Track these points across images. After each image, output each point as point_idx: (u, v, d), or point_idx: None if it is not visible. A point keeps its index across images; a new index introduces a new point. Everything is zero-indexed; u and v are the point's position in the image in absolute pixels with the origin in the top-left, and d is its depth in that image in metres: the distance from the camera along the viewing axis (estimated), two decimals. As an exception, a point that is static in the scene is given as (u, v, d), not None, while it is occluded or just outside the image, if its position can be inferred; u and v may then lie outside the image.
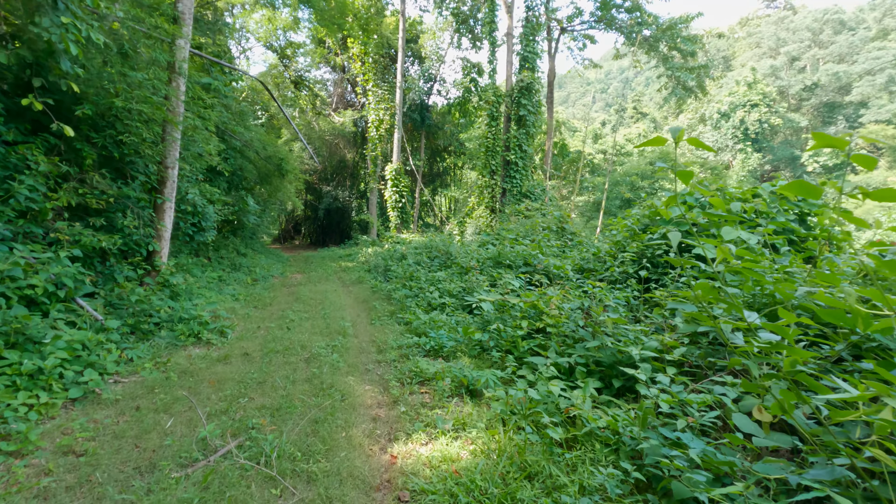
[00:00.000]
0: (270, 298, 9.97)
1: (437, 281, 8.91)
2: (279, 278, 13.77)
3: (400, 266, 10.95)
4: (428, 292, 8.29)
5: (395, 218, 20.80)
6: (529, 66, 17.28)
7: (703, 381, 3.52)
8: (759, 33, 71.61)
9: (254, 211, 12.96)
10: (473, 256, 9.49)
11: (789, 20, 70.09)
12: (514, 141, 17.46)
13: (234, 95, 11.02)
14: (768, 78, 66.14)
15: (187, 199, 7.81)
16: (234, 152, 11.09)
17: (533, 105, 17.47)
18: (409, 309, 7.81)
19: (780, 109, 60.78)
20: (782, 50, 66.88)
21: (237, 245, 15.00)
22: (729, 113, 62.21)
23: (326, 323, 7.21)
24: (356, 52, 19.00)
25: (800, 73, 67.56)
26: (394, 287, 9.54)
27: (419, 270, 10.26)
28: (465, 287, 8.14)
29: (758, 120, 60.17)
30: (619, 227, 7.26)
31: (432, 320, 6.53)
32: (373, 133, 19.90)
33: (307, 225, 34.50)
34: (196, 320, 6.24)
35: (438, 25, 28.94)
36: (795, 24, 67.90)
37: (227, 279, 11.33)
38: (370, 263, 15.19)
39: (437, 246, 11.76)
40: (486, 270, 8.59)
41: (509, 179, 17.55)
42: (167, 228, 7.02)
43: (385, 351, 5.86)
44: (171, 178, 6.88)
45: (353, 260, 18.17)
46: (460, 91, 28.76)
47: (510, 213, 16.48)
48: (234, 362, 5.42)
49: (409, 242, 17.04)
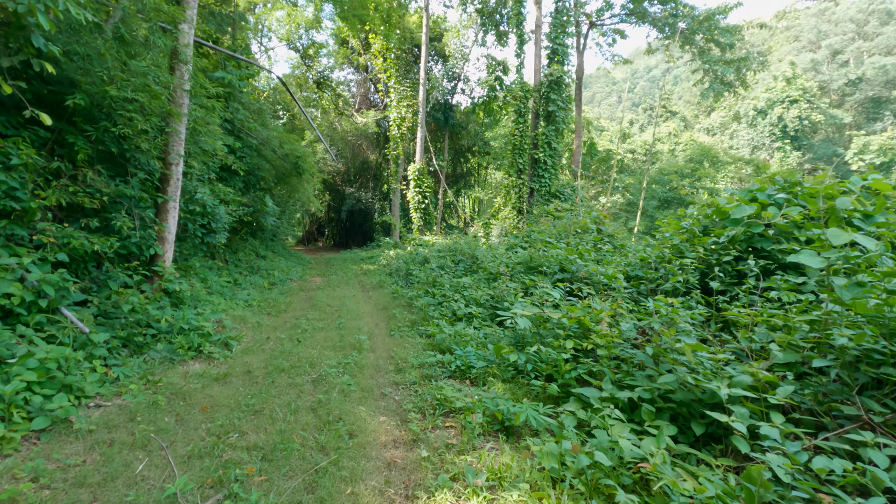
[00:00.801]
0: (286, 304, 9.41)
1: (462, 287, 8.14)
2: (298, 282, 13.27)
3: (422, 270, 10.23)
4: (452, 300, 7.53)
5: (418, 219, 20.15)
6: (559, 59, 16.35)
7: (825, 434, 2.63)
8: (798, 26, 68.29)
9: (272, 212, 12.49)
10: (502, 261, 8.69)
11: (831, 12, 66.56)
12: (542, 138, 16.56)
13: (249, 91, 10.55)
14: (808, 73, 62.95)
15: (196, 198, 7.30)
16: (250, 150, 10.60)
17: (562, 100, 16.53)
18: (432, 319, 7.07)
19: (821, 105, 57.65)
20: (823, 43, 63.52)
21: (256, 247, 14.60)
22: (766, 110, 59.46)
23: (341, 335, 6.52)
24: (378, 48, 18.44)
25: (842, 67, 63.97)
26: (415, 293, 8.81)
27: (443, 275, 9.51)
28: (493, 295, 7.34)
29: (797, 116, 57.26)
30: (673, 228, 6.32)
31: (458, 334, 5.76)
32: (394, 131, 19.29)
33: (331, 227, 34.32)
34: (197, 332, 5.65)
35: (462, 23, 28.26)
36: (838, 16, 64.41)
37: (243, 283, 10.86)
38: (391, 266, 14.57)
39: (461, 249, 11.00)
40: (517, 276, 7.77)
41: (537, 179, 16.65)
42: (171, 230, 6.47)
43: (404, 370, 5.12)
44: (174, 176, 6.34)
45: (374, 263, 17.61)
46: (485, 90, 27.99)
47: (539, 215, 15.59)
48: (234, 382, 4.77)
49: (431, 245, 16.33)
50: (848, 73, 60.32)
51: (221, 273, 10.70)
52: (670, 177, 24.06)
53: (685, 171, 23.90)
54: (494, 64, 27.91)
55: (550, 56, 16.57)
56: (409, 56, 19.06)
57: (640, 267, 6.25)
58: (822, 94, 62.67)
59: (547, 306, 5.06)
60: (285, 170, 11.40)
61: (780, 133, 55.84)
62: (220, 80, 9.33)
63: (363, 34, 25.81)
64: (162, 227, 6.32)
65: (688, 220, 6.14)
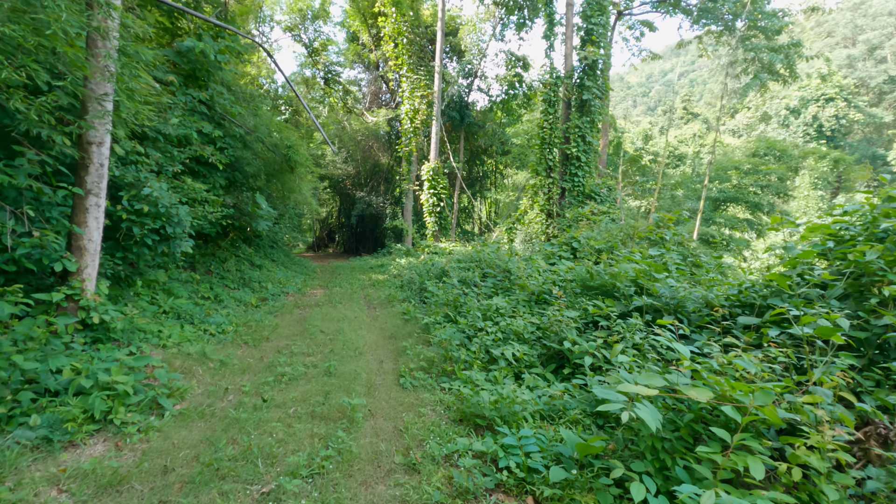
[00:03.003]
0: (271, 328, 7.49)
1: (494, 312, 6.11)
2: (295, 295, 11.40)
3: (440, 287, 8.21)
4: (485, 333, 5.50)
5: (433, 224, 18.17)
6: (596, 39, 14.29)
7: None
8: (832, 21, 65.11)
9: (267, 215, 10.64)
10: (548, 277, 6.63)
11: (867, 6, 63.25)
12: (574, 131, 14.48)
13: (232, 69, 8.74)
14: (844, 69, 59.74)
15: (144, 195, 5.46)
16: (234, 141, 8.78)
17: (598, 87, 14.45)
18: (458, 360, 5.06)
19: (860, 104, 54.45)
20: (860, 38, 60.30)
21: (250, 255, 12.78)
22: (799, 109, 56.52)
23: (327, 391, 4.50)
24: (389, 31, 16.60)
25: (880, 64, 60.49)
26: (433, 319, 6.80)
27: (466, 294, 7.50)
28: (542, 327, 5.30)
29: (834, 115, 54.28)
30: (820, 234, 4.19)
31: (503, 400, 3.71)
32: (406, 125, 17.35)
33: (341, 233, 32.70)
34: (107, 391, 3.72)
35: (479, 16, 26.43)
36: (875, 10, 61.14)
37: (226, 299, 9.00)
38: (403, 277, 12.65)
39: (487, 259, 8.97)
40: (572, 299, 5.71)
41: (569, 177, 14.55)
42: (92, 236, 4.59)
43: (419, 469, 3.11)
44: (95, 161, 4.46)
45: (384, 272, 15.69)
46: (503, 86, 26.05)
47: (572, 218, 13.50)
48: (132, 494, 2.82)
49: (448, 253, 14.33)
50: (888, 70, 57.00)
51: (199, 287, 8.87)
52: (729, 174, 21.53)
53: (745, 166, 21.19)
54: (513, 60, 25.99)
55: (584, 38, 14.52)
56: (422, 40, 17.19)
57: (772, 291, 4.14)
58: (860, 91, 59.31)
59: (678, 377, 2.97)
60: (276, 163, 9.53)
61: (815, 133, 52.85)
62: (189, 52, 7.51)
63: (374, 29, 24.14)
64: (76, 231, 4.43)
65: (858, 217, 4.00)
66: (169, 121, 5.94)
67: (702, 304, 4.67)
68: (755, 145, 23.48)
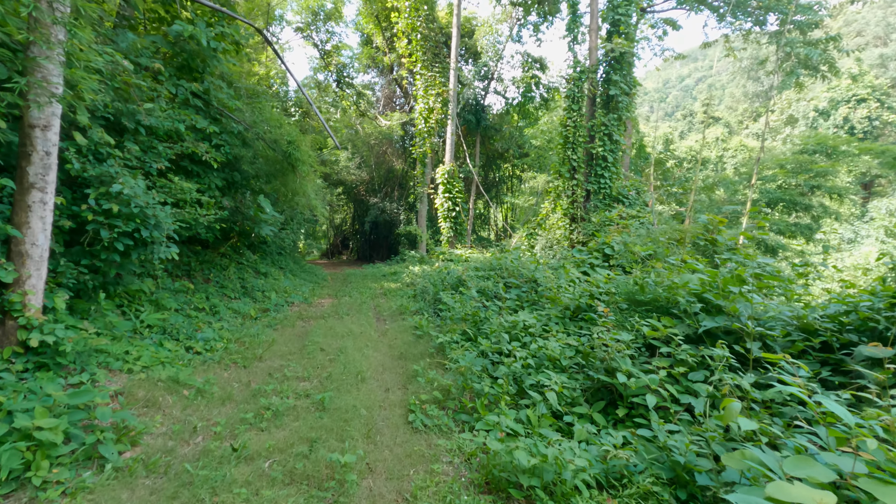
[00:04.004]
0: (265, 345, 6.64)
1: (521, 331, 5.14)
2: (300, 306, 10.58)
3: (457, 299, 7.25)
4: (514, 356, 4.53)
5: (448, 230, 17.24)
6: (623, 30, 13.29)
7: None
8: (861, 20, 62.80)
9: (271, 220, 9.85)
10: (583, 289, 5.62)
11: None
12: (601, 129, 13.45)
13: (229, 59, 7.99)
14: (875, 69, 57.31)
15: (113, 192, 4.68)
16: (232, 137, 8.02)
17: (626, 82, 13.41)
18: (480, 393, 4.10)
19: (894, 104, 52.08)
20: (893, 37, 57.96)
21: (254, 263, 12.03)
22: (829, 110, 54.39)
23: (315, 437, 3.55)
24: (402, 28, 15.83)
25: (915, 63, 57.84)
26: (449, 338, 5.84)
27: (487, 307, 6.53)
28: (582, 351, 4.31)
29: (866, 117, 52.06)
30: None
31: (546, 462, 2.73)
32: (420, 125, 16.50)
33: (355, 239, 32.10)
34: (28, 441, 2.86)
35: (496, 17, 25.65)
36: (908, 7, 58.72)
37: (222, 311, 8.20)
38: (416, 286, 11.78)
39: (509, 268, 7.98)
40: (616, 315, 4.70)
41: (595, 179, 13.49)
42: (37, 239, 3.78)
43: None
44: (39, 148, 3.66)
45: (397, 280, 14.83)
46: (520, 88, 25.16)
47: (599, 223, 12.45)
48: None
49: (464, 260, 13.38)
50: (923, 68, 54.50)
51: (194, 298, 8.10)
52: (775, 173, 20.02)
53: (791, 164, 19.58)
54: (530, 61, 25.11)
55: (611, 29, 13.54)
56: (437, 36, 16.38)
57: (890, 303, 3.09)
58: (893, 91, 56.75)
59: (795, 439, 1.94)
60: (277, 162, 8.73)
61: (846, 135, 50.69)
62: (179, 39, 6.77)
63: (388, 32, 23.51)
64: (12, 234, 3.63)
65: None
66: (142, 106, 5.14)
67: (794, 327, 3.63)
68: (803, 141, 21.93)
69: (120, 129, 5.87)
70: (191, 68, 7.59)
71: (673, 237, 7.63)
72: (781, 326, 3.67)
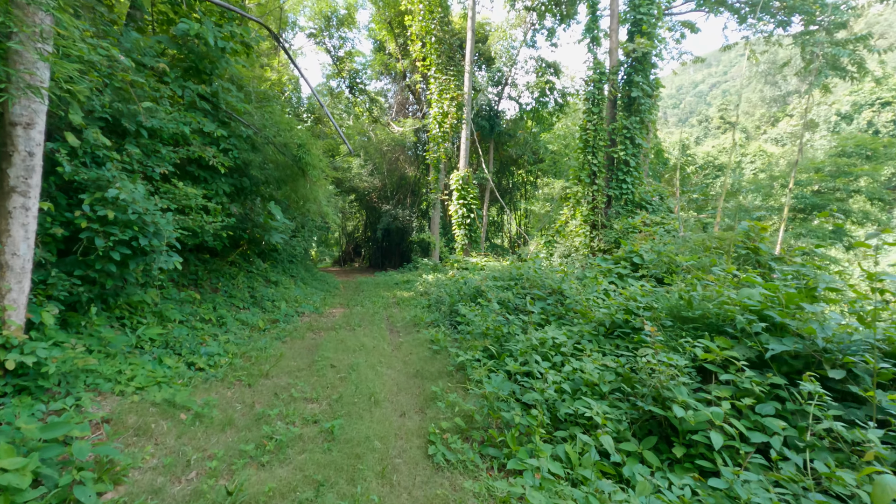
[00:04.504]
0: (274, 360, 6.23)
1: (552, 350, 4.63)
2: (311, 316, 10.19)
3: (476, 311, 6.76)
4: (544, 380, 4.03)
5: (462, 237, 16.78)
6: (646, 29, 12.79)
7: None
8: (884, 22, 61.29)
9: (281, 227, 9.51)
10: (616, 302, 5.10)
11: (924, 3, 59.10)
12: (622, 132, 12.92)
13: (242, 63, 7.69)
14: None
15: (109, 197, 4.33)
16: (240, 142, 7.71)
17: (649, 83, 12.89)
18: (511, 424, 3.61)
19: (920, 107, 50.53)
20: (918, 38, 56.34)
21: (265, 271, 11.70)
22: (852, 114, 53.00)
23: (321, 480, 3.07)
24: (416, 31, 15.54)
25: (941, 65, 56.11)
26: (470, 356, 5.36)
27: (510, 321, 6.03)
28: (623, 374, 3.80)
29: (892, 120, 50.59)
30: None
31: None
32: (434, 130, 16.12)
33: (367, 247, 31.87)
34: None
35: (510, 22, 25.33)
36: (934, 7, 57.02)
37: (229, 322, 7.84)
38: (430, 296, 11.34)
39: (531, 278, 7.48)
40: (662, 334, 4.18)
41: (617, 184, 12.94)
42: (18, 248, 3.42)
43: None
44: (21, 148, 3.31)
45: (410, 288, 14.40)
46: (535, 93, 24.73)
47: (621, 230, 11.88)
48: None
49: (480, 268, 12.91)
50: (951, 70, 52.84)
51: (200, 309, 7.76)
52: (812, 177, 19.10)
53: (829, 167, 18.55)
54: (544, 66, 24.70)
55: (632, 29, 13.05)
56: (451, 38, 16.05)
57: None
58: (918, 94, 55.03)
59: None
60: (287, 167, 8.38)
61: (874, 137, 49.29)
62: (185, 38, 6.48)
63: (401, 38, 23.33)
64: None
65: None
66: (141, 105, 4.80)
67: (881, 352, 3.09)
68: (840, 143, 21.00)
69: (122, 131, 5.57)
70: (199, 70, 7.29)
71: (711, 245, 7.07)
72: (865, 350, 3.13)
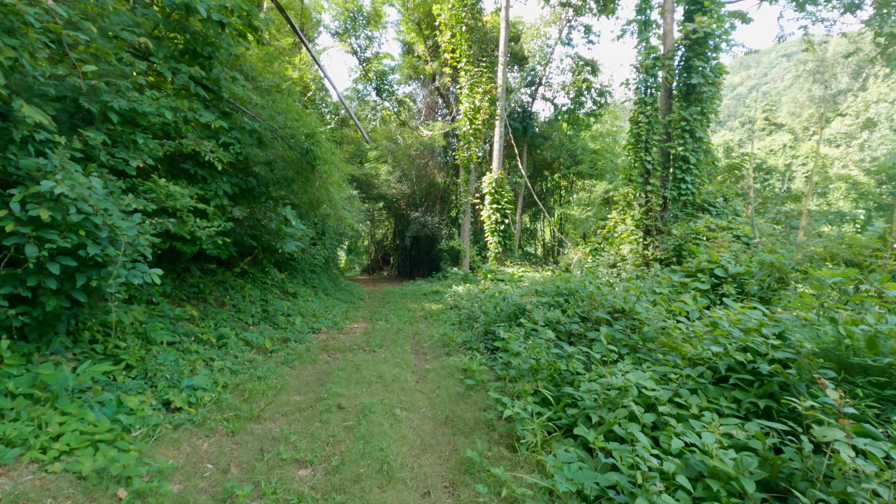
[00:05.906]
0: (270, 395, 5.08)
1: (636, 401, 3.24)
2: (328, 333, 9.07)
3: (521, 339, 5.38)
4: (649, 465, 2.64)
5: (495, 245, 15.41)
6: (708, 5, 11.20)
7: None
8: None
9: (297, 234, 8.47)
10: (720, 332, 3.65)
11: None
12: (680, 125, 11.31)
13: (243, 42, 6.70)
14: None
15: (42, 191, 3.25)
16: (244, 135, 6.70)
17: (712, 68, 11.26)
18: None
19: None
20: None
21: (281, 282, 10.70)
22: (920, 110, 48.73)
23: None
24: (445, 19, 14.41)
25: None
26: (521, 406, 3.99)
27: (568, 352, 4.63)
28: (764, 457, 2.36)
29: (970, 116, 46.16)
30: None
31: None
32: (465, 128, 14.87)
33: (396, 255, 31.02)
34: None
35: (544, 19, 23.98)
36: None
37: (231, 342, 6.76)
38: (462, 310, 10.10)
39: (591, 295, 6.03)
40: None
41: (674, 184, 11.32)
42: None
43: None
44: None
45: (439, 300, 13.17)
46: (570, 94, 23.21)
47: (681, 235, 10.25)
48: None
49: (518, 280, 11.51)
50: None
51: (196, 327, 6.75)
52: None
53: None
54: (581, 64, 23.18)
55: (690, 8, 11.50)
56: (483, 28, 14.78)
57: None
58: None
59: None
60: (295, 162, 7.29)
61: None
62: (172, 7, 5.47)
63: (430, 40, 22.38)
64: None
65: None
66: (81, 68, 3.75)
67: None
68: None
69: (89, 116, 4.58)
70: (196, 53, 6.32)
71: (821, 257, 5.47)
72: None
